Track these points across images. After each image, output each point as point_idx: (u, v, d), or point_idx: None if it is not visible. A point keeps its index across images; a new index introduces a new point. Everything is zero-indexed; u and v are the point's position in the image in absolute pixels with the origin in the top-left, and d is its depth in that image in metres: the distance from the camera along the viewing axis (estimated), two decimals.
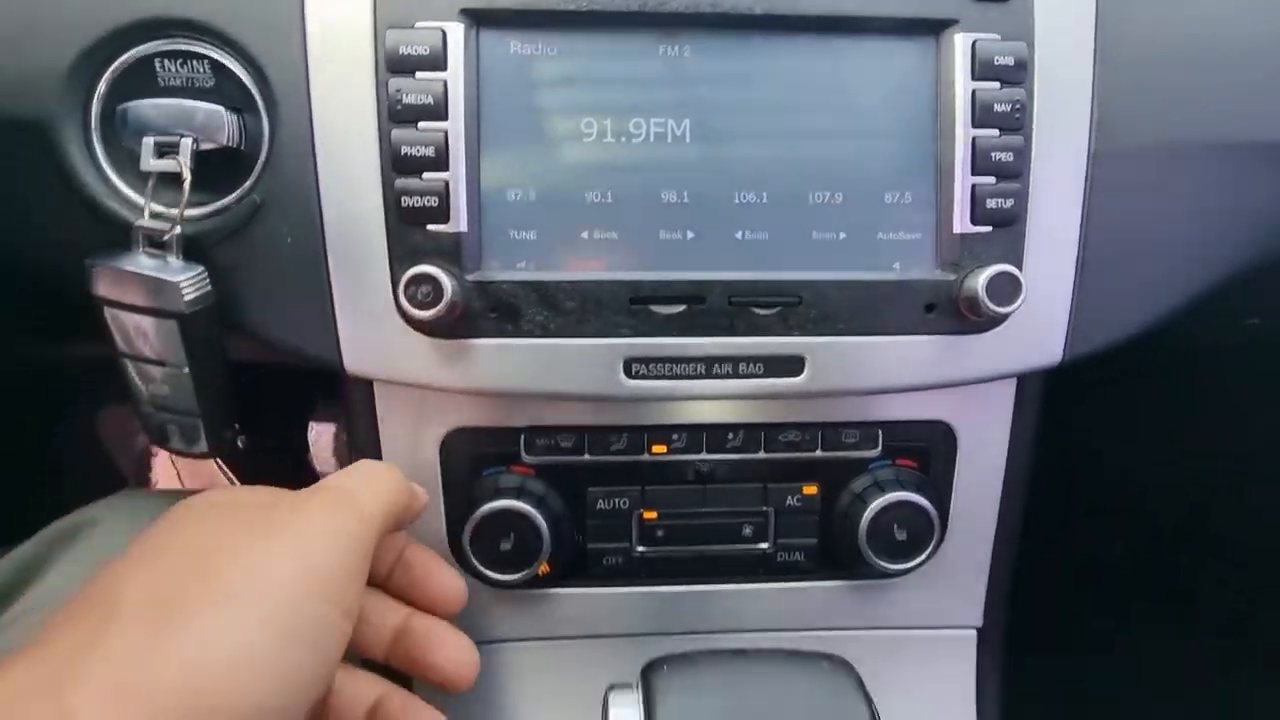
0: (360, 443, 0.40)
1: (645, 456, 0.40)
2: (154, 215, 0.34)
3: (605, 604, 0.42)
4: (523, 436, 0.40)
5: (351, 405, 0.39)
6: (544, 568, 0.40)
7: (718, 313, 0.36)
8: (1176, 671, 0.57)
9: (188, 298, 0.33)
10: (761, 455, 0.41)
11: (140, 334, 0.34)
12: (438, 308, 0.33)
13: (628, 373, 0.37)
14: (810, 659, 0.28)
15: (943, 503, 0.41)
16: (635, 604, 0.42)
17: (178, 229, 0.33)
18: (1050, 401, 0.43)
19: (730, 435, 0.40)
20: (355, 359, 0.36)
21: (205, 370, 0.35)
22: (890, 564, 0.40)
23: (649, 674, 0.28)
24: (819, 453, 0.41)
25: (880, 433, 0.41)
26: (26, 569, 0.38)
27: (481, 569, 0.39)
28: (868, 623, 0.44)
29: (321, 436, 1.23)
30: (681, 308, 0.36)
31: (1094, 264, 0.37)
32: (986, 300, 0.35)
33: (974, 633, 0.44)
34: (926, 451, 0.41)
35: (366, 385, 0.39)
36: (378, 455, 0.40)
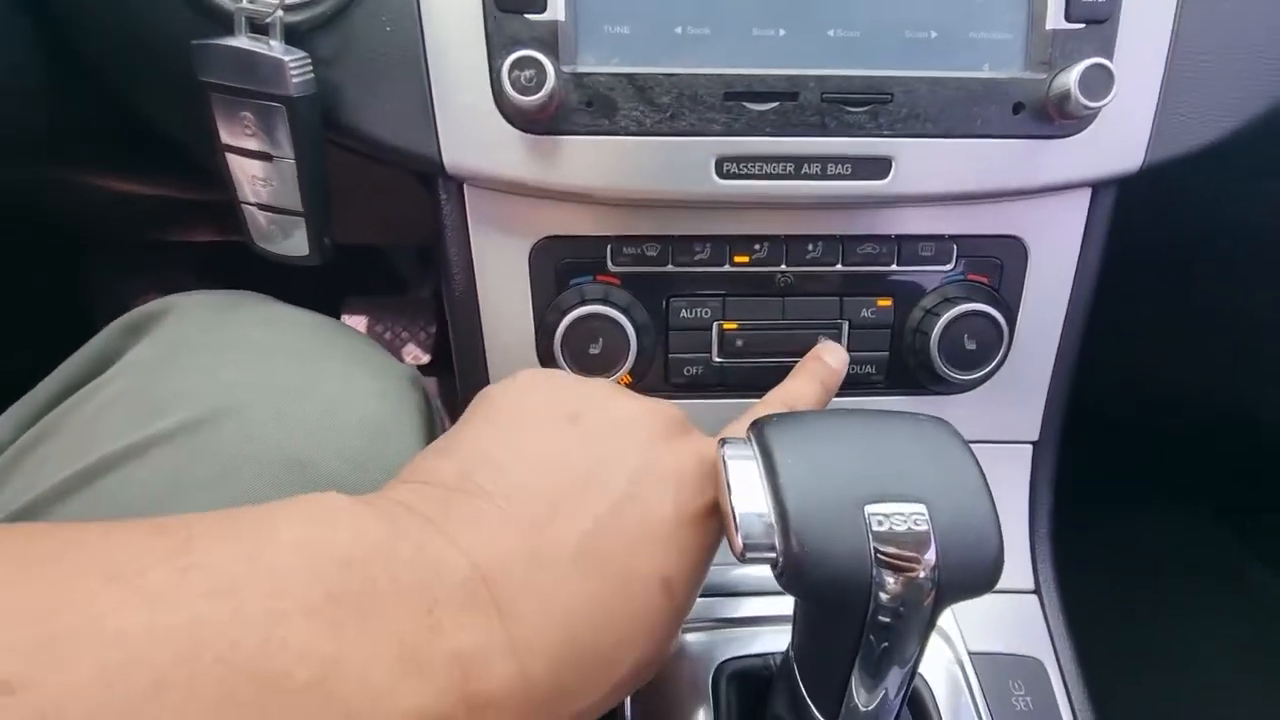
0: (451, 256, 0.41)
1: (727, 267, 0.41)
2: (251, 2, 0.34)
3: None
4: (609, 246, 0.41)
5: (443, 217, 0.40)
6: (625, 378, 0.42)
7: (810, 110, 0.37)
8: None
9: (295, 79, 0.33)
10: (839, 268, 0.42)
11: (246, 123, 0.35)
12: (541, 93, 0.34)
13: (719, 172, 0.37)
14: (912, 415, 0.30)
15: (1011, 316, 0.43)
16: (714, 415, 0.44)
17: (280, 12, 0.33)
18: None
19: (810, 247, 0.41)
20: (454, 156, 0.37)
21: (309, 165, 0.36)
22: (959, 374, 0.42)
23: (758, 425, 0.30)
24: (895, 266, 0.42)
25: (955, 247, 0.42)
26: (101, 359, 0.37)
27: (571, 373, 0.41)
28: None
29: None
30: (774, 104, 0.36)
31: (1182, 64, 0.38)
32: (1079, 95, 0.35)
33: (1030, 446, 0.46)
34: (998, 266, 0.43)
35: (458, 194, 0.40)
36: (469, 267, 0.41)
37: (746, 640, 0.42)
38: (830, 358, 0.40)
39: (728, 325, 0.42)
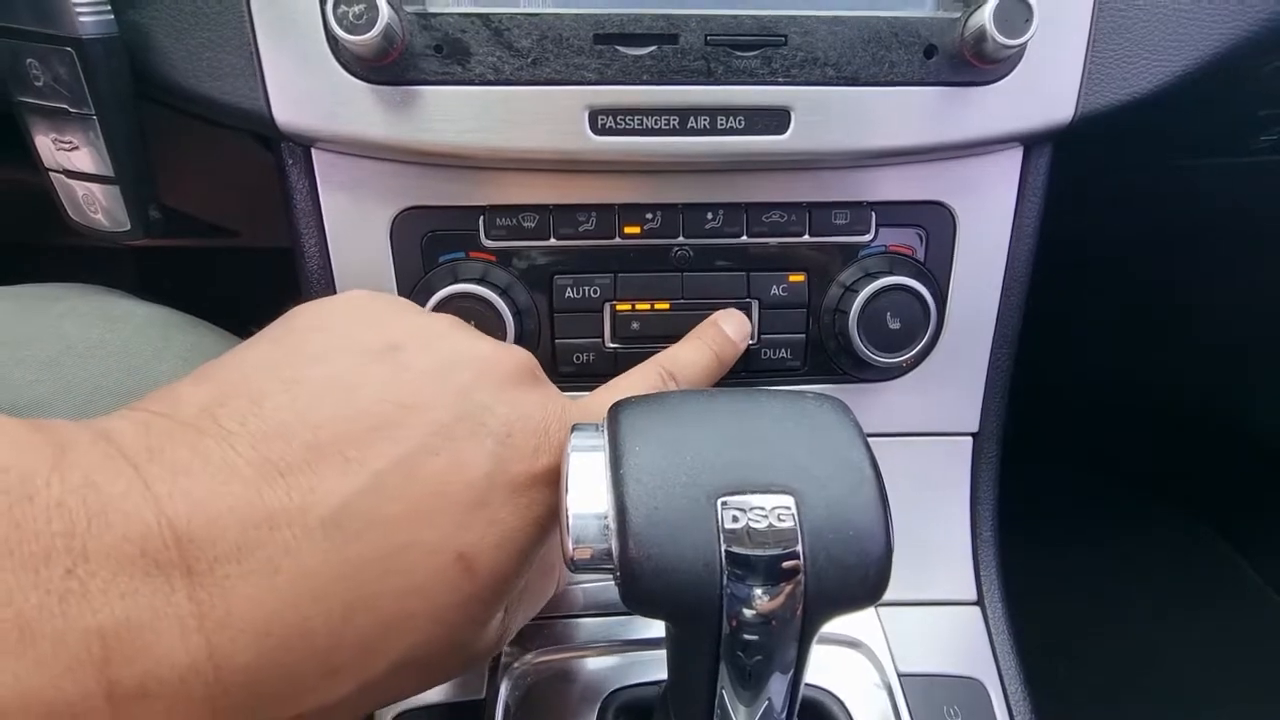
0: (301, 230, 0.36)
1: (617, 240, 0.37)
2: None
3: None
4: (481, 217, 0.36)
5: (289, 185, 0.35)
6: None
7: (693, 54, 0.32)
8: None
9: (85, 18, 0.29)
10: (744, 239, 0.37)
11: (33, 71, 0.30)
12: (373, 32, 0.29)
13: (594, 126, 0.33)
14: (795, 393, 0.26)
15: (940, 293, 0.38)
16: None
17: None
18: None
19: (709, 216, 0.37)
20: (287, 110, 0.32)
21: (115, 121, 0.31)
22: (883, 358, 0.38)
23: (615, 407, 0.26)
24: (807, 237, 0.38)
25: (873, 215, 0.38)
26: None
27: None
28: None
29: None
30: (652, 48, 0.32)
31: (1111, 7, 0.34)
32: (996, 32, 0.31)
33: (970, 438, 0.42)
34: (923, 236, 0.38)
35: (305, 158, 0.35)
36: (322, 243, 0.36)
37: (648, 665, 0.37)
38: (728, 326, 0.36)
39: (620, 306, 0.38)
